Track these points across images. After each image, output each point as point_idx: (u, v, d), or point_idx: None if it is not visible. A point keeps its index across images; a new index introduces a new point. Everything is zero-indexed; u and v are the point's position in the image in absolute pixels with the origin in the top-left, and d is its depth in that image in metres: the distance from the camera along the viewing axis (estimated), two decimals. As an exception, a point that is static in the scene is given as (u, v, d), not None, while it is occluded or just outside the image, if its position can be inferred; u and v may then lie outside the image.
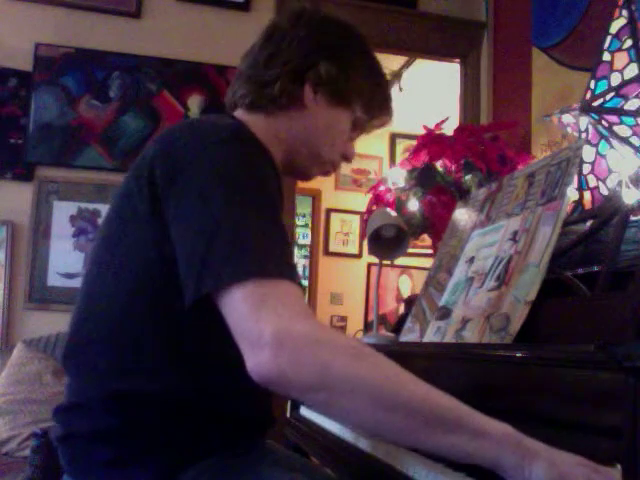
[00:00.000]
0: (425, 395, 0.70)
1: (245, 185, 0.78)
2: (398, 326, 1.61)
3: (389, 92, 1.11)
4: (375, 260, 1.83)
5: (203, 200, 0.77)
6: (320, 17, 1.05)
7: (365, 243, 1.83)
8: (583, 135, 1.89)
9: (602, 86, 1.82)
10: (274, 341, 0.67)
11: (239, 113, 1.04)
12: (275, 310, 0.69)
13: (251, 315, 0.69)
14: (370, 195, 2.24)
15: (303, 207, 4.84)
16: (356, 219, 4.71)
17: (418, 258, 4.05)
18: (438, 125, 2.18)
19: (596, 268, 1.02)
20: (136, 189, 0.85)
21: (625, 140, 1.62)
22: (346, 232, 4.78)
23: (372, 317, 2.00)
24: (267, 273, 0.72)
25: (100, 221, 2.66)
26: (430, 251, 2.25)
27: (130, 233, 0.86)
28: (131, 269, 0.85)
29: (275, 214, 0.79)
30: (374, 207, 2.17)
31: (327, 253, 4.71)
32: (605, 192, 1.81)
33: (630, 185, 1.37)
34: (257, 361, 0.68)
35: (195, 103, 2.78)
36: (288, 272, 0.74)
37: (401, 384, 0.70)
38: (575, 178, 1.16)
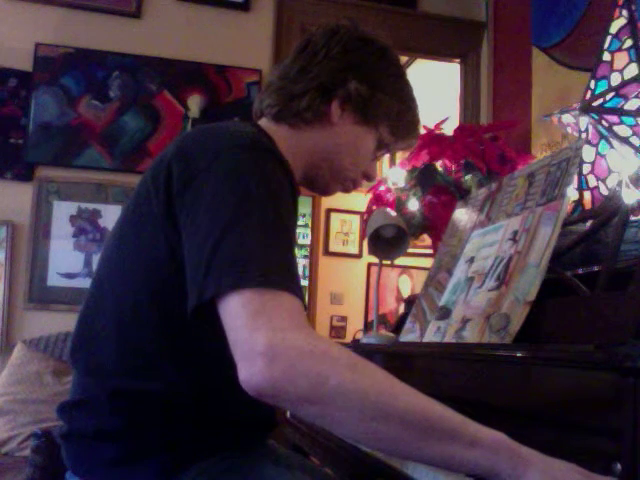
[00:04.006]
0: (419, 406, 0.69)
1: (256, 194, 0.77)
2: (398, 326, 1.61)
3: (417, 117, 1.10)
4: (375, 260, 1.83)
5: (213, 207, 0.77)
6: (356, 36, 1.04)
7: (365, 243, 1.83)
8: (583, 135, 1.89)
9: (602, 86, 1.82)
10: (267, 352, 0.66)
11: (263, 122, 1.05)
12: (270, 321, 0.68)
13: (246, 325, 0.69)
14: (370, 195, 2.24)
15: (303, 207, 4.83)
16: (356, 219, 4.69)
17: (418, 258, 4.04)
18: (438, 125, 2.18)
19: (596, 268, 1.02)
20: (152, 189, 0.85)
21: (625, 140, 1.62)
22: (346, 232, 4.77)
23: (372, 317, 2.00)
24: (268, 284, 0.71)
25: (100, 221, 2.67)
26: (430, 251, 2.25)
27: (143, 233, 0.86)
28: (141, 268, 0.86)
29: (283, 226, 0.79)
30: (374, 207, 2.17)
31: (327, 253, 4.70)
32: (605, 192, 1.81)
33: (630, 185, 1.37)
34: (249, 372, 0.67)
35: (195, 103, 2.78)
36: (290, 284, 0.73)
37: (395, 395, 0.69)
38: (575, 178, 1.16)
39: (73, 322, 0.95)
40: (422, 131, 2.14)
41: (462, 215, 1.51)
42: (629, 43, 1.75)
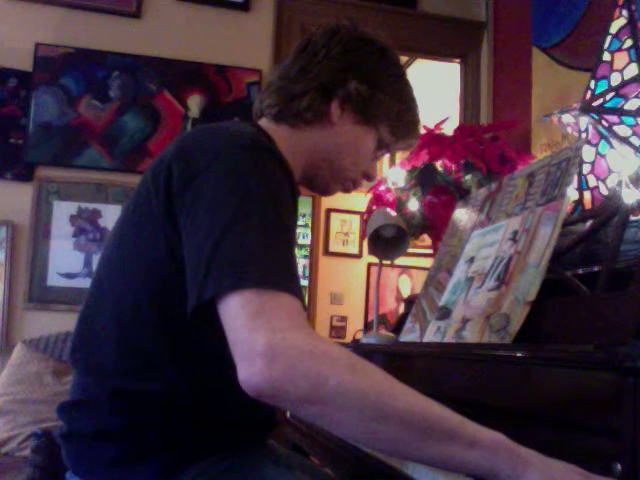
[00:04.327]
0: (418, 406, 0.69)
1: (256, 195, 0.77)
2: (398, 326, 1.61)
3: (417, 117, 1.11)
4: (375, 260, 1.83)
5: (213, 207, 0.77)
6: (356, 36, 1.05)
7: (365, 243, 1.83)
8: (583, 135, 1.89)
9: (602, 86, 1.81)
10: (267, 352, 0.66)
11: (264, 122, 1.05)
12: (270, 321, 0.68)
13: (246, 325, 0.69)
14: (370, 195, 2.24)
15: (303, 207, 4.83)
16: (356, 219, 4.70)
17: (418, 258, 4.05)
18: (438, 125, 2.18)
19: (596, 268, 1.02)
20: (153, 189, 0.85)
21: (625, 140, 1.62)
22: (346, 232, 4.77)
23: (372, 317, 2.00)
24: (267, 284, 0.71)
25: (100, 221, 2.67)
26: (430, 251, 2.25)
27: (143, 233, 0.86)
28: (141, 268, 0.86)
29: (283, 226, 0.79)
30: (374, 207, 2.17)
31: (327, 253, 4.70)
32: (605, 192, 1.82)
33: (630, 185, 1.37)
34: (249, 372, 0.67)
35: (195, 103, 2.78)
36: (290, 285, 0.73)
37: (395, 396, 0.69)
38: (575, 178, 1.16)
39: (73, 322, 0.95)
40: (422, 131, 2.14)
41: (462, 215, 1.51)
42: (629, 43, 1.75)
